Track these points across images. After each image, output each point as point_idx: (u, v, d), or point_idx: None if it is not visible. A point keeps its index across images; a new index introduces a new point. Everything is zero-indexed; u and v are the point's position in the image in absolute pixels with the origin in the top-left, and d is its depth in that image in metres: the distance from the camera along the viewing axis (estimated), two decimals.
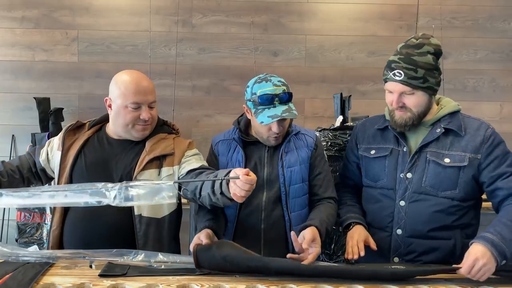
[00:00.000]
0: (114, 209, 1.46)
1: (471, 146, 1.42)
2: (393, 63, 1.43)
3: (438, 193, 1.42)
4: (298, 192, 1.60)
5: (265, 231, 1.58)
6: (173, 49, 3.13)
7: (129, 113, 1.51)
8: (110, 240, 1.43)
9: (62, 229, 1.49)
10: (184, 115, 3.16)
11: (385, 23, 3.18)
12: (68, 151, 1.55)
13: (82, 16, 3.17)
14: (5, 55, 3.17)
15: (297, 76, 3.19)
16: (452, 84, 3.19)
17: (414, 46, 1.42)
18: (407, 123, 1.45)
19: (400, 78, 1.41)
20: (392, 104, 1.46)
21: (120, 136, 1.57)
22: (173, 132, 1.70)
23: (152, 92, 1.57)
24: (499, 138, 1.45)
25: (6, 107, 3.19)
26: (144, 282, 1.17)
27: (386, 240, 1.50)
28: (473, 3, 3.19)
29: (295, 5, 3.20)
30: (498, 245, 1.22)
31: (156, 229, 1.49)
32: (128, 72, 1.57)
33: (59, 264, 1.29)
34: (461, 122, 1.46)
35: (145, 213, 1.47)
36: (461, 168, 1.41)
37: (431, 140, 1.45)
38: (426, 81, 1.40)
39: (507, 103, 3.22)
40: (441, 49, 1.44)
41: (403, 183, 1.47)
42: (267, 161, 1.62)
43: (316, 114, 3.23)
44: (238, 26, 3.19)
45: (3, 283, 1.11)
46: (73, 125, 1.62)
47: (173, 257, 1.33)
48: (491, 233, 1.26)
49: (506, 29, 3.20)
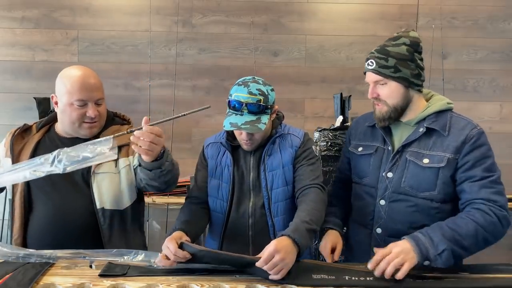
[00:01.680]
0: (76, 207, 1.45)
1: (452, 147, 1.37)
2: (369, 55, 1.45)
3: (417, 193, 1.40)
4: (280, 196, 1.55)
5: (253, 237, 1.56)
6: (173, 49, 3.13)
7: (74, 111, 1.47)
8: (76, 239, 1.42)
9: (24, 237, 1.47)
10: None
11: (385, 23, 3.18)
12: (19, 156, 1.50)
13: (82, 16, 3.17)
14: (5, 55, 3.17)
15: (297, 76, 3.19)
16: (452, 84, 3.19)
17: (392, 38, 1.45)
18: (385, 117, 1.44)
19: (372, 67, 1.42)
20: (369, 97, 1.47)
21: (69, 134, 1.54)
22: (125, 123, 1.67)
23: (99, 89, 1.52)
24: (483, 141, 1.38)
25: (6, 107, 3.19)
26: (144, 282, 1.17)
27: (367, 238, 1.50)
28: (473, 3, 3.19)
29: (295, 5, 3.20)
30: (422, 244, 1.21)
31: (120, 221, 1.50)
32: (74, 68, 1.53)
33: (59, 264, 1.29)
34: (447, 121, 1.42)
35: (108, 206, 1.47)
36: (439, 169, 1.37)
37: (413, 139, 1.43)
38: (397, 71, 1.39)
39: (507, 103, 3.22)
40: (420, 43, 1.45)
41: (384, 182, 1.46)
42: (252, 166, 1.58)
43: (316, 114, 3.23)
44: (238, 26, 3.19)
45: (3, 283, 1.11)
46: (20, 129, 1.57)
47: None
48: (422, 233, 1.26)
49: (506, 29, 3.20)
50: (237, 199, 1.58)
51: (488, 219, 1.28)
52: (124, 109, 3.15)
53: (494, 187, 1.33)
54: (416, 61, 1.44)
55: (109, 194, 1.48)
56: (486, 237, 1.28)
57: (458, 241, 1.24)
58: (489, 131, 3.17)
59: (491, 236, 1.29)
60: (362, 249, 1.52)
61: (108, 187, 1.48)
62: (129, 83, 3.17)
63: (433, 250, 1.21)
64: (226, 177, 1.58)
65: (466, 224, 1.27)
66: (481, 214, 1.28)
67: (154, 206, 2.86)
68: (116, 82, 3.17)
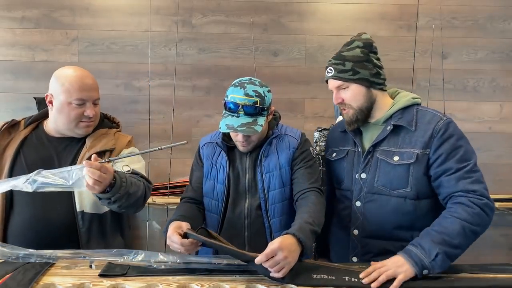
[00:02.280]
0: (57, 208, 1.47)
1: (420, 142, 1.38)
2: (327, 63, 1.49)
3: (391, 192, 1.41)
4: (277, 198, 1.54)
5: (249, 238, 1.56)
6: (173, 49, 3.13)
7: (73, 110, 1.48)
8: (55, 240, 1.43)
9: (4, 235, 1.47)
10: (184, 115, 3.17)
11: (385, 23, 3.18)
12: (4, 152, 1.51)
13: (82, 16, 3.17)
14: (5, 55, 3.16)
15: (297, 76, 3.19)
16: (452, 84, 3.19)
17: (346, 44, 1.49)
18: (353, 120, 1.47)
19: (331, 74, 1.46)
20: (334, 103, 1.50)
21: (60, 133, 1.54)
22: (113, 126, 1.67)
23: (97, 89, 1.54)
24: (452, 131, 1.37)
25: (6, 107, 3.18)
26: (144, 282, 1.17)
27: (346, 240, 1.51)
28: (473, 3, 3.19)
29: (295, 5, 3.20)
30: (415, 255, 1.22)
31: (99, 225, 1.50)
32: (71, 68, 1.55)
33: (59, 264, 1.29)
34: (414, 116, 1.43)
35: (88, 209, 1.48)
36: (409, 166, 1.38)
37: (382, 138, 1.44)
38: (356, 73, 1.43)
39: (507, 103, 3.21)
40: (373, 43, 1.48)
41: (358, 183, 1.48)
42: (248, 167, 1.58)
43: (316, 114, 3.23)
44: (238, 26, 3.19)
45: (3, 283, 1.11)
46: (8, 124, 1.58)
47: (173, 257, 1.33)
48: (413, 244, 1.26)
49: (506, 29, 3.19)
50: (232, 200, 1.58)
51: (471, 211, 1.28)
52: (124, 109, 3.17)
53: (471, 177, 1.33)
54: (373, 61, 1.46)
55: (90, 198, 1.49)
56: (474, 230, 1.28)
57: (448, 242, 1.24)
58: (489, 131, 3.17)
59: (478, 227, 1.29)
60: (341, 252, 1.54)
61: (89, 191, 1.47)
62: (129, 83, 3.17)
63: (426, 258, 1.21)
64: (221, 178, 1.58)
65: (452, 223, 1.27)
66: (463, 208, 1.29)
67: (154, 206, 2.86)
68: (116, 82, 3.17)
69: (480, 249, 3.19)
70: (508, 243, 3.25)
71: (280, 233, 1.35)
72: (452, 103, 3.15)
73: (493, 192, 3.05)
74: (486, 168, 3.47)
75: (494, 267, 1.32)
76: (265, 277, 1.21)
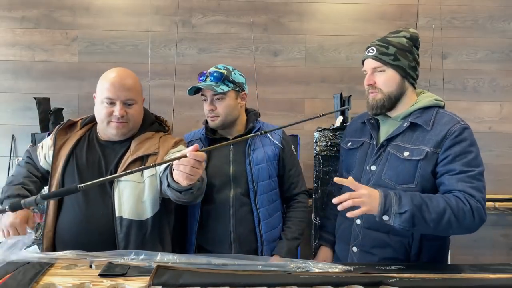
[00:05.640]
0: (98, 211, 1.46)
1: (433, 141, 1.39)
2: (370, 43, 1.52)
3: (396, 186, 1.42)
4: (265, 188, 1.67)
5: (235, 226, 1.64)
6: (173, 49, 3.13)
7: (103, 109, 1.49)
8: (96, 243, 1.42)
9: (54, 232, 1.49)
10: (184, 115, 3.17)
11: (385, 23, 3.18)
12: (59, 151, 1.53)
13: (82, 16, 3.17)
14: (5, 55, 3.16)
15: (297, 76, 3.19)
16: (452, 84, 3.19)
17: (393, 32, 1.53)
18: (378, 104, 1.48)
19: (372, 54, 1.48)
20: (365, 84, 1.52)
21: (107, 135, 1.56)
22: (163, 130, 1.66)
23: (130, 89, 1.50)
24: (466, 136, 1.38)
25: (6, 107, 3.19)
26: (144, 282, 1.16)
27: (349, 230, 1.53)
28: (473, 3, 3.19)
29: (295, 5, 3.20)
30: (389, 200, 1.26)
31: (138, 232, 1.47)
32: (113, 69, 1.55)
33: (59, 264, 1.29)
34: (432, 117, 1.44)
35: (126, 215, 1.45)
36: (418, 162, 1.39)
37: (397, 134, 1.46)
38: (396, 59, 1.44)
39: (507, 103, 3.21)
40: (419, 38, 1.50)
41: (367, 175, 1.50)
42: (232, 159, 1.68)
43: (316, 114, 3.23)
44: (238, 26, 3.19)
45: (3, 283, 1.11)
46: (65, 123, 1.60)
47: (173, 257, 1.33)
48: (394, 191, 1.30)
49: (506, 29, 3.20)
50: (217, 190, 1.67)
51: (461, 205, 1.29)
52: None
53: (472, 182, 1.33)
54: (414, 54, 1.49)
55: (129, 203, 1.46)
56: (451, 220, 1.27)
57: (423, 210, 1.26)
58: (489, 131, 3.17)
59: (457, 222, 1.28)
60: (343, 240, 1.57)
61: (129, 196, 1.46)
62: None
63: (396, 208, 1.25)
64: None
65: (438, 201, 1.29)
66: (456, 199, 1.30)
67: None
68: None
69: (480, 249, 3.20)
70: (508, 243, 3.25)
71: (268, 221, 1.66)
72: (452, 103, 3.14)
73: (493, 192, 3.08)
74: (486, 168, 3.46)
75: (494, 267, 1.32)
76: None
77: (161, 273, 1.17)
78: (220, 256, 1.33)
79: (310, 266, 1.24)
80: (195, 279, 1.14)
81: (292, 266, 1.24)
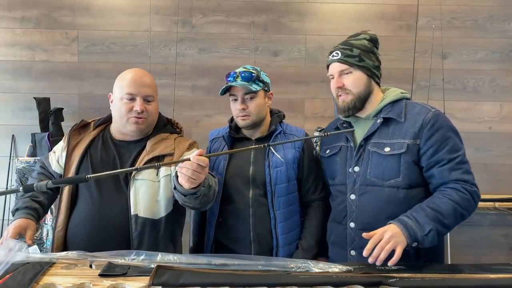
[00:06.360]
0: (114, 210, 1.47)
1: (411, 132, 1.42)
2: (333, 48, 1.55)
3: (383, 183, 1.44)
4: (283, 191, 1.64)
5: (254, 225, 1.63)
6: (173, 49, 3.13)
7: (124, 105, 1.52)
8: (110, 241, 1.43)
9: (66, 230, 1.49)
10: (184, 115, 3.17)
11: (385, 23, 3.18)
12: (73, 151, 1.55)
13: (82, 16, 3.17)
14: (5, 55, 3.17)
15: (297, 76, 3.19)
16: (452, 84, 3.20)
17: (353, 35, 1.57)
18: (350, 106, 1.51)
19: (337, 57, 1.51)
20: (333, 88, 1.54)
21: (122, 134, 1.57)
22: (175, 132, 1.68)
23: (150, 86, 1.57)
24: (441, 123, 1.42)
25: (6, 107, 3.19)
26: (144, 282, 1.17)
27: (343, 234, 1.53)
28: (473, 3, 3.19)
29: (295, 5, 3.20)
30: (410, 227, 1.26)
31: (152, 231, 1.48)
32: (130, 69, 1.60)
33: (59, 264, 1.29)
34: (403, 108, 1.48)
35: (142, 213, 1.47)
36: (400, 155, 1.42)
37: (373, 131, 1.48)
38: (362, 60, 1.49)
39: (507, 103, 3.22)
40: (377, 39, 1.57)
41: (352, 177, 1.50)
42: (253, 160, 1.67)
43: (316, 114, 3.23)
44: (238, 26, 3.20)
45: (3, 283, 1.11)
46: (78, 124, 1.62)
47: (173, 257, 1.33)
48: (407, 216, 1.30)
49: (506, 29, 3.20)
50: (236, 189, 1.67)
51: (463, 196, 1.35)
52: None
53: (462, 168, 1.39)
54: (376, 55, 1.55)
55: (145, 202, 1.47)
56: (462, 213, 1.35)
57: (441, 220, 1.30)
58: (489, 131, 3.17)
59: (466, 211, 1.36)
60: (338, 245, 1.56)
61: (145, 195, 1.47)
62: None
63: (420, 231, 1.27)
64: (221, 169, 1.69)
65: (445, 203, 1.33)
66: (456, 192, 1.35)
67: None
68: None
69: (480, 249, 3.20)
70: (508, 243, 3.25)
71: (284, 224, 1.62)
72: (452, 103, 3.15)
73: (493, 192, 3.09)
74: (486, 168, 3.48)
75: (494, 267, 1.32)
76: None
77: (161, 273, 1.17)
78: (220, 256, 1.33)
79: (310, 266, 1.25)
80: (195, 279, 1.14)
81: (292, 266, 1.24)
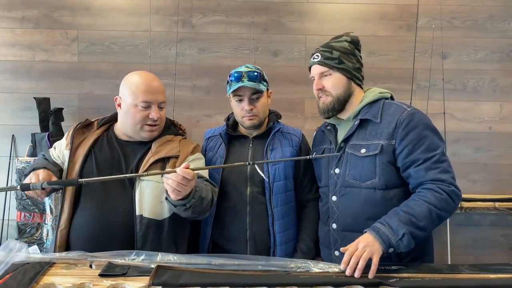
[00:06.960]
0: (118, 210, 1.47)
1: (385, 133, 1.42)
2: (314, 50, 1.56)
3: (361, 184, 1.45)
4: (281, 189, 1.66)
5: (251, 224, 1.64)
6: (173, 49, 3.13)
7: (138, 112, 1.50)
8: (114, 240, 1.43)
9: (69, 229, 1.49)
10: (184, 115, 3.17)
11: (385, 23, 3.18)
12: (77, 150, 1.54)
13: (82, 16, 3.17)
14: (5, 55, 3.16)
15: (297, 76, 3.19)
16: (452, 84, 3.19)
17: (334, 37, 1.59)
18: (329, 107, 1.52)
19: (317, 59, 1.53)
20: (314, 90, 1.55)
21: (128, 136, 1.57)
22: (179, 133, 1.68)
23: (163, 93, 1.56)
24: (417, 121, 1.40)
25: (6, 107, 3.19)
26: (144, 282, 1.17)
27: (327, 235, 1.55)
28: (473, 3, 3.19)
29: (295, 5, 3.20)
30: (383, 233, 1.25)
31: (155, 231, 1.48)
32: (139, 72, 1.58)
33: (59, 264, 1.29)
34: (379, 109, 1.47)
35: (146, 214, 1.47)
36: (375, 157, 1.42)
37: (351, 133, 1.50)
38: (341, 63, 1.50)
39: (507, 103, 3.21)
40: (359, 41, 1.58)
41: (333, 179, 1.52)
42: (251, 157, 1.68)
43: (316, 114, 3.21)
44: (238, 26, 3.20)
45: (3, 283, 1.11)
46: (82, 123, 1.61)
47: (173, 257, 1.33)
48: (381, 222, 1.30)
49: (506, 29, 3.20)
50: (233, 187, 1.67)
51: (439, 197, 1.32)
52: None
53: (439, 167, 1.36)
54: (357, 57, 1.56)
55: (150, 203, 1.48)
56: (439, 214, 1.32)
57: (415, 223, 1.28)
58: (489, 131, 3.17)
59: (444, 212, 1.33)
60: (325, 246, 1.58)
61: (150, 195, 1.48)
62: None
63: (394, 236, 1.26)
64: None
65: (419, 205, 1.31)
66: (432, 193, 1.33)
67: None
68: (116, 82, 3.13)
69: (480, 249, 3.20)
70: (508, 243, 3.25)
71: (282, 221, 1.63)
72: (452, 103, 3.15)
73: (493, 192, 3.09)
74: (486, 168, 3.48)
75: (494, 267, 1.32)
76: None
77: (161, 273, 1.17)
78: (220, 256, 1.34)
79: (310, 266, 1.25)
80: (195, 279, 1.14)
81: (292, 266, 1.24)
